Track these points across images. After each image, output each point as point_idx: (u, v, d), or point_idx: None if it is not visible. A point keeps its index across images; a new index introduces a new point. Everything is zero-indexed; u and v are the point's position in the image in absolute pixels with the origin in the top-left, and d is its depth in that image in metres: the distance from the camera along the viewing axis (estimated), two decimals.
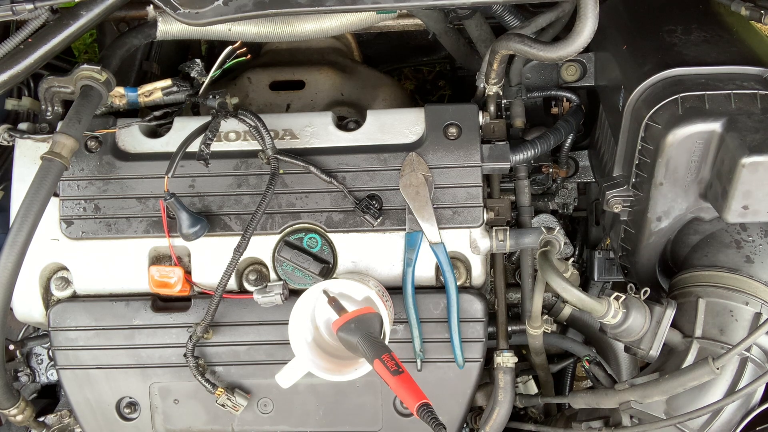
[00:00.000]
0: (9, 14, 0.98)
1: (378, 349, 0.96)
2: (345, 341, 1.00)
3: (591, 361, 1.37)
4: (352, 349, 1.00)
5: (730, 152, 0.96)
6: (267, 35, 1.17)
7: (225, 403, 1.16)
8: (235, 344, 1.18)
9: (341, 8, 0.94)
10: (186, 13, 0.94)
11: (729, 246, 1.13)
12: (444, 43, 1.41)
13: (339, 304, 1.05)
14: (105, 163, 1.17)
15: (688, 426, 1.08)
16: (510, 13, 1.29)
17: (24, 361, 1.39)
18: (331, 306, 1.05)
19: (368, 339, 0.98)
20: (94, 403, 1.21)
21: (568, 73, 1.30)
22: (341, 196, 1.15)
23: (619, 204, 1.15)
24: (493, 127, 1.21)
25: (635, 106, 1.08)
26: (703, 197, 1.06)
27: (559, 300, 1.32)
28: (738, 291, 1.09)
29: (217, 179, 1.16)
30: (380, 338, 1.01)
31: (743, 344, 1.00)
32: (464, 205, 1.15)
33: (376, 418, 1.19)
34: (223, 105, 1.16)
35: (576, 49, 0.96)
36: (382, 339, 1.02)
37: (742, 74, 1.03)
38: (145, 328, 1.18)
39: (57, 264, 1.19)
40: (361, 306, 1.11)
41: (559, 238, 1.18)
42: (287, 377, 1.08)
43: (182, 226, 1.11)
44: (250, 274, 1.18)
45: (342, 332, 1.00)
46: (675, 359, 1.10)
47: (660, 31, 1.12)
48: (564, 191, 1.46)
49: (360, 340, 0.98)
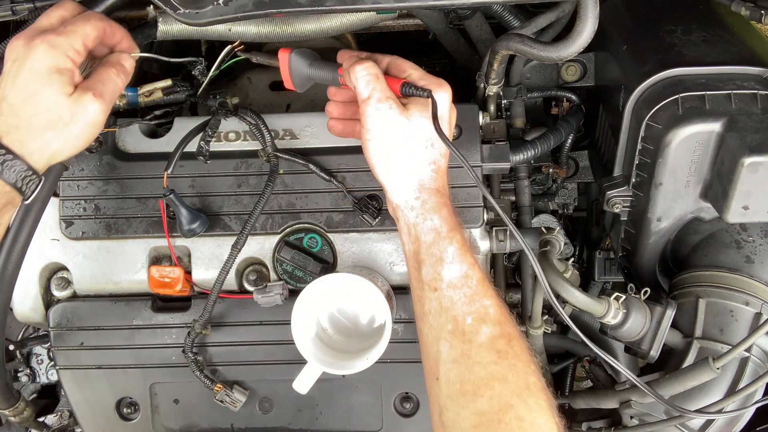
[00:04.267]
0: (9, 14, 0.98)
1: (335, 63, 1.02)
2: (297, 72, 1.03)
3: (591, 362, 1.37)
4: (307, 79, 1.05)
5: (731, 152, 0.96)
6: (267, 35, 1.16)
7: (224, 399, 1.16)
8: (235, 344, 1.18)
9: (341, 8, 0.94)
10: (186, 13, 0.94)
11: (729, 246, 1.13)
12: (444, 44, 1.41)
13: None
14: (105, 163, 1.17)
15: (688, 426, 1.08)
16: (510, 13, 1.29)
17: (24, 361, 1.39)
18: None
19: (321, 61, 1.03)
20: (94, 403, 1.21)
21: (569, 73, 1.30)
22: (341, 196, 1.15)
23: (619, 204, 1.15)
24: (493, 127, 1.21)
25: (635, 106, 1.08)
26: (703, 197, 1.06)
27: (559, 300, 1.32)
28: (738, 291, 1.09)
29: (217, 179, 1.16)
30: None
31: (743, 344, 1.00)
32: (464, 206, 1.15)
33: (376, 418, 1.19)
34: (224, 105, 1.16)
35: (576, 49, 0.96)
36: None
37: (742, 74, 1.03)
38: (145, 328, 1.18)
39: (57, 264, 1.19)
40: (361, 303, 1.12)
41: (559, 238, 1.18)
42: (304, 383, 1.08)
43: (182, 223, 1.11)
44: (250, 274, 1.18)
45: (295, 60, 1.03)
46: (675, 359, 1.10)
47: (660, 31, 1.12)
48: (564, 191, 1.46)
49: (312, 63, 1.02)
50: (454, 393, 0.87)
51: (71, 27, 0.89)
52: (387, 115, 0.95)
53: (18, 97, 0.87)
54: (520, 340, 0.90)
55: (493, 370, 0.86)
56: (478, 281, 0.92)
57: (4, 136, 0.86)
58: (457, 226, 0.96)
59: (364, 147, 0.97)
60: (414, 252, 0.96)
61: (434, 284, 0.92)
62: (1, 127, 0.86)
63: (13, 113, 0.87)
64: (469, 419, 0.84)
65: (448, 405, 0.87)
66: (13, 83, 0.87)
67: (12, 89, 0.87)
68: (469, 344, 0.88)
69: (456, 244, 0.93)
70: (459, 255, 0.93)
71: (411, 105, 0.97)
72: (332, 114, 1.08)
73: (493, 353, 0.87)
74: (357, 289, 1.07)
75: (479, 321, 0.89)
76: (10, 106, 0.87)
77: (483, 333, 0.88)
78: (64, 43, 0.88)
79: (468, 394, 0.85)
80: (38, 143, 0.88)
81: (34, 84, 0.86)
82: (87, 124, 0.90)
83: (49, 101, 0.87)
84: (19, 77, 0.87)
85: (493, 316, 0.90)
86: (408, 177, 0.96)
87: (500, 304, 0.92)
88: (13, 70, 0.87)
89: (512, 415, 0.82)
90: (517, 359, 0.87)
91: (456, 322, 0.90)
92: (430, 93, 0.95)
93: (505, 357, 0.87)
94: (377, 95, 0.95)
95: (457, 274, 0.92)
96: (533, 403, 0.84)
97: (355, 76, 0.96)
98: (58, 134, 0.88)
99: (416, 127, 0.96)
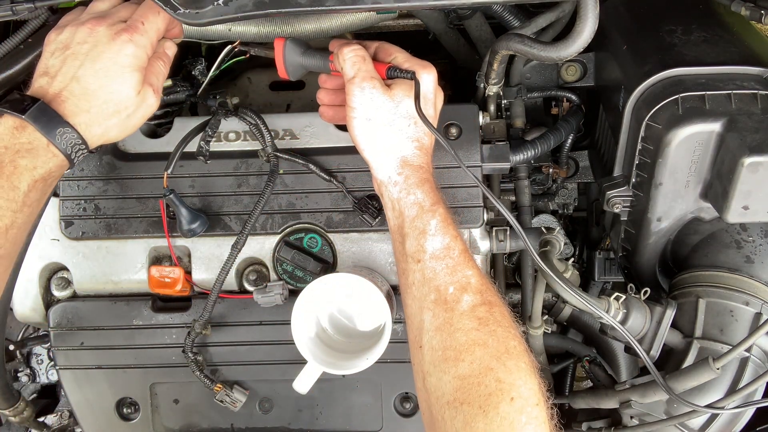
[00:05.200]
0: (9, 14, 0.98)
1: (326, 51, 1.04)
2: (290, 60, 1.05)
3: (591, 362, 1.37)
4: (299, 67, 1.05)
5: (731, 152, 0.96)
6: (267, 35, 1.16)
7: (224, 399, 1.16)
8: (235, 344, 1.18)
9: (341, 8, 0.94)
10: (186, 13, 0.94)
11: (729, 246, 1.13)
12: (444, 44, 1.41)
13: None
14: (105, 163, 1.17)
15: (688, 426, 1.08)
16: (510, 13, 1.29)
17: (24, 361, 1.39)
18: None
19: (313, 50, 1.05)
20: (94, 403, 1.21)
21: (569, 73, 1.30)
22: (341, 196, 1.15)
23: (619, 204, 1.15)
24: (493, 127, 1.21)
25: (635, 106, 1.08)
26: (703, 197, 1.06)
27: (559, 300, 1.32)
28: (738, 291, 1.09)
29: (217, 179, 1.16)
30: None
31: (744, 344, 1.00)
32: (464, 205, 1.15)
33: (376, 418, 1.19)
34: (224, 105, 1.16)
35: (576, 49, 0.95)
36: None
37: (742, 74, 1.03)
38: (145, 328, 1.18)
39: (57, 264, 1.19)
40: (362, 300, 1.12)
41: (559, 238, 1.18)
42: (304, 383, 1.08)
43: (182, 223, 1.11)
44: (250, 274, 1.18)
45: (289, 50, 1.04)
46: (675, 359, 1.10)
47: (660, 31, 1.12)
48: (564, 191, 1.46)
49: (305, 51, 1.04)
50: (437, 359, 0.89)
51: (148, 24, 0.94)
52: (370, 94, 0.98)
53: (95, 84, 0.90)
54: (501, 308, 0.92)
55: (474, 336, 0.88)
56: (460, 252, 0.94)
57: (71, 116, 0.90)
58: (440, 201, 0.98)
59: (349, 126, 1.01)
60: (398, 226, 0.98)
61: (417, 256, 0.95)
62: (70, 107, 0.90)
63: (87, 98, 0.90)
64: (451, 383, 0.87)
65: (430, 371, 0.90)
66: (92, 68, 0.90)
67: (90, 74, 0.90)
68: (451, 312, 0.90)
69: (438, 217, 0.96)
70: (441, 227, 0.95)
71: (395, 86, 1.00)
72: (323, 101, 1.11)
73: (474, 320, 0.89)
74: (357, 289, 1.07)
75: (461, 290, 0.92)
76: (84, 90, 0.90)
77: (464, 301, 0.91)
78: (146, 42, 0.93)
79: (450, 359, 0.88)
80: (102, 128, 0.93)
81: (115, 76, 0.91)
82: (144, 116, 0.97)
83: (122, 94, 0.92)
84: (99, 64, 0.90)
85: (474, 285, 0.92)
86: (391, 154, 0.99)
87: (482, 275, 0.94)
88: (92, 54, 0.91)
89: (491, 377, 0.85)
90: (497, 325, 0.89)
91: (439, 292, 0.92)
92: (413, 74, 0.99)
93: (485, 323, 0.89)
94: (362, 75, 0.98)
95: (440, 245, 0.94)
96: (512, 366, 0.86)
97: (342, 57, 1.00)
98: (120, 123, 0.94)
99: (399, 106, 0.99)
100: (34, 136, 0.87)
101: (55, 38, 0.93)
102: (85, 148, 0.92)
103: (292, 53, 1.05)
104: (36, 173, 0.88)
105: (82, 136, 0.90)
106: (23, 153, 0.87)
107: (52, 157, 0.89)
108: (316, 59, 1.05)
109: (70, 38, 0.92)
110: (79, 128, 0.90)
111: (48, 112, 0.88)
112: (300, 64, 1.06)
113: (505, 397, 0.83)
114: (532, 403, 0.84)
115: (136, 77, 0.92)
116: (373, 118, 0.99)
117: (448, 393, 0.86)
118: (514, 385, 0.85)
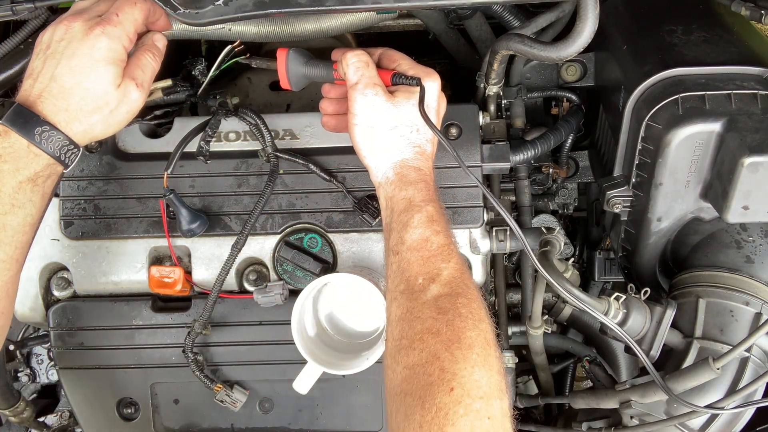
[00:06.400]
0: (9, 14, 0.98)
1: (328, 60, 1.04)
2: (293, 70, 1.05)
3: (591, 362, 1.37)
4: (302, 77, 1.05)
5: (731, 152, 0.96)
6: (267, 35, 1.17)
7: (224, 399, 1.16)
8: (236, 344, 1.18)
9: (341, 8, 0.94)
10: (186, 13, 0.94)
11: (729, 246, 1.13)
12: (444, 44, 1.41)
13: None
14: (105, 163, 1.17)
15: (688, 426, 1.08)
16: (510, 13, 1.29)
17: (24, 361, 1.39)
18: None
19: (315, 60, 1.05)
20: (94, 403, 1.21)
21: (569, 73, 1.30)
22: (341, 197, 1.15)
23: (619, 204, 1.15)
24: (493, 128, 1.21)
25: (635, 106, 1.08)
26: (703, 197, 1.06)
27: (560, 300, 1.32)
28: (738, 291, 1.09)
29: (217, 179, 1.16)
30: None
31: (744, 344, 1.00)
32: (464, 206, 1.15)
33: (376, 418, 1.19)
34: (224, 105, 1.16)
35: (576, 49, 0.96)
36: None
37: (742, 74, 1.03)
38: (145, 328, 1.18)
39: (57, 264, 1.19)
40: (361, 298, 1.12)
41: (559, 238, 1.18)
42: (304, 383, 1.08)
43: (182, 223, 1.11)
44: (250, 274, 1.18)
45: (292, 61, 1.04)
46: (675, 359, 1.10)
47: (660, 31, 1.12)
48: (564, 191, 1.46)
49: (308, 61, 1.04)
50: (394, 350, 0.86)
51: (123, 15, 0.93)
52: (373, 100, 0.97)
53: (71, 81, 0.90)
54: (469, 300, 0.87)
55: (429, 325, 0.84)
56: (439, 246, 0.91)
57: (50, 115, 0.90)
58: (434, 200, 0.96)
59: (351, 132, 1.00)
60: (387, 223, 0.97)
61: (397, 248, 0.93)
62: (48, 107, 0.90)
63: (64, 96, 0.90)
64: (401, 373, 0.83)
65: (388, 363, 0.87)
66: (68, 66, 0.90)
67: (66, 72, 0.90)
68: (414, 302, 0.87)
69: (425, 213, 0.93)
70: (425, 221, 0.92)
71: (398, 92, 1.00)
72: (326, 111, 1.10)
73: (434, 310, 0.85)
74: (357, 289, 1.07)
75: (429, 281, 0.88)
76: (61, 88, 0.90)
77: (429, 291, 0.87)
78: (121, 34, 0.92)
79: (403, 349, 0.84)
80: (83, 125, 0.92)
81: (89, 72, 0.90)
82: (129, 111, 0.95)
83: (100, 89, 0.91)
84: (75, 62, 0.90)
85: (444, 277, 0.88)
86: (389, 156, 0.98)
87: (459, 269, 0.90)
88: (67, 52, 0.90)
89: (436, 366, 0.80)
90: (455, 315, 0.85)
91: (408, 283, 0.89)
92: (418, 81, 0.98)
93: (445, 313, 0.85)
94: (365, 81, 0.98)
95: (418, 237, 0.91)
96: (459, 355, 0.81)
97: (346, 62, 1.00)
98: (103, 119, 0.93)
99: (401, 112, 0.98)
100: (14, 139, 0.88)
101: (40, 39, 0.94)
102: (74, 146, 0.92)
103: (295, 64, 1.05)
104: (20, 175, 0.88)
105: (65, 134, 0.90)
106: (5, 158, 0.88)
107: (35, 157, 0.89)
108: (320, 69, 1.04)
109: (50, 37, 0.92)
110: (59, 126, 0.90)
111: (24, 113, 0.89)
112: (303, 74, 1.05)
113: (444, 387, 0.78)
114: (475, 395, 0.78)
115: (111, 71, 0.91)
116: (376, 125, 0.98)
117: (397, 384, 0.83)
118: (456, 375, 0.79)
